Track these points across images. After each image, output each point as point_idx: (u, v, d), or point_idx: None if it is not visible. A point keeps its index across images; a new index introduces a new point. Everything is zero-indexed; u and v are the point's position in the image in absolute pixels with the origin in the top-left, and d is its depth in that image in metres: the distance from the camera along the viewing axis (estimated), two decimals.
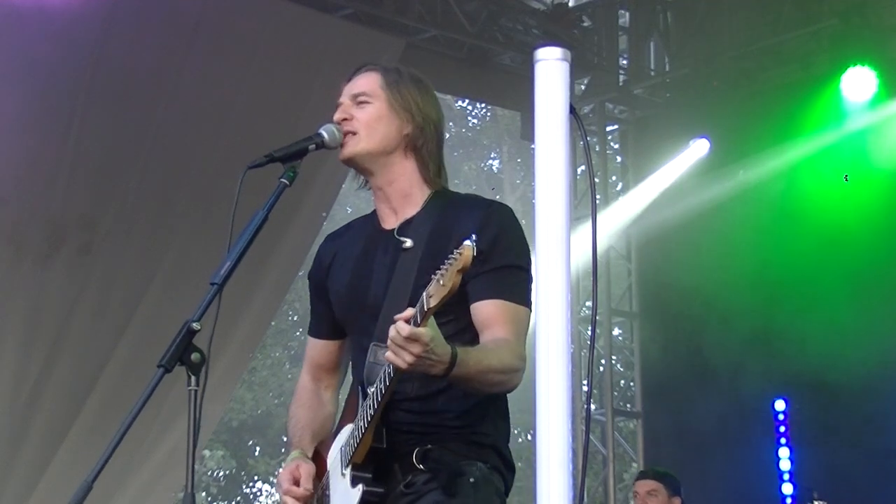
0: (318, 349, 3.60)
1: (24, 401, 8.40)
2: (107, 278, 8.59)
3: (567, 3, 10.69)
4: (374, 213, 3.48)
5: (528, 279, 3.24)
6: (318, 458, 3.46)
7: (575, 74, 9.11)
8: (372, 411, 3.15)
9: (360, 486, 3.22)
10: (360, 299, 3.39)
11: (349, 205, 21.18)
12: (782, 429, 9.47)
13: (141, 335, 8.54)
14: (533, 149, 2.37)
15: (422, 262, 3.27)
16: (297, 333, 22.85)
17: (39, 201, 8.37)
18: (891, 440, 8.92)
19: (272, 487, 22.58)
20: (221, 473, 22.14)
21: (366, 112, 3.38)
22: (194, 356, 2.85)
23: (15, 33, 8.04)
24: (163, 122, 8.62)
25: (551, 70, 2.33)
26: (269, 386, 22.03)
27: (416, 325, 2.91)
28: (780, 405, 9.50)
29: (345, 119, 3.39)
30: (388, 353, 2.97)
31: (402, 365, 2.96)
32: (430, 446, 3.23)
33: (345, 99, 3.43)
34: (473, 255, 2.82)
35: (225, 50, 8.74)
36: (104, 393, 8.56)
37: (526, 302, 3.23)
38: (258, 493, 22.81)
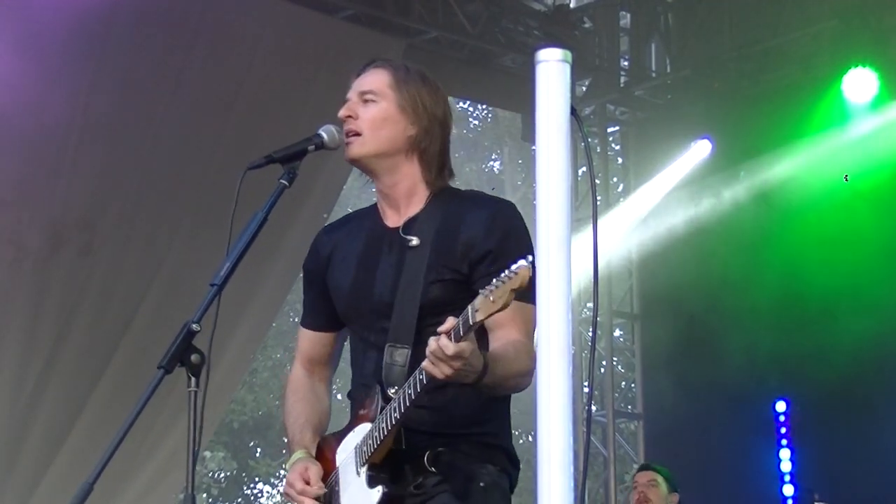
0: (312, 341, 3.58)
1: (24, 402, 8.40)
2: (107, 279, 8.59)
3: (568, 5, 10.69)
4: (375, 207, 3.46)
5: (535, 277, 3.25)
6: (321, 456, 3.43)
7: (576, 76, 9.11)
8: (398, 415, 3.13)
9: (379, 488, 3.21)
10: (365, 297, 3.36)
11: (350, 205, 21.17)
12: (783, 430, 9.47)
13: (141, 336, 8.53)
14: (534, 150, 2.36)
15: (430, 259, 3.27)
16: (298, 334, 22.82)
17: (40, 202, 8.37)
18: (891, 441, 8.92)
19: (273, 489, 22.58)
20: (222, 475, 22.14)
21: (371, 112, 3.36)
22: (194, 357, 2.86)
23: (15, 34, 8.04)
24: (163, 122, 8.63)
25: (552, 71, 2.32)
26: (270, 387, 22.02)
27: (459, 336, 2.90)
28: (780, 406, 9.50)
29: (349, 117, 3.36)
30: (427, 365, 2.96)
31: (441, 377, 2.96)
32: (441, 449, 3.23)
33: (352, 95, 3.40)
34: (531, 276, 2.76)
35: (225, 50, 8.74)
36: (105, 394, 8.56)
37: (534, 300, 3.24)
38: (259, 495, 22.81)
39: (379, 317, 3.32)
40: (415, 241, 3.30)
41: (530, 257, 2.80)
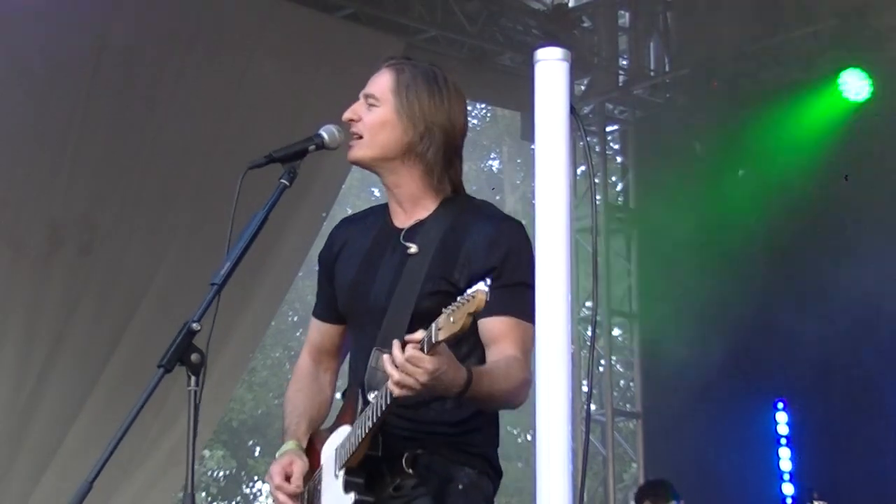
0: (321, 331, 3.59)
1: (24, 401, 8.40)
2: (107, 279, 8.59)
3: (567, 4, 10.70)
4: (388, 205, 3.47)
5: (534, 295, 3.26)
6: (311, 449, 3.45)
7: (575, 75, 9.11)
8: (371, 423, 3.14)
9: (352, 494, 3.22)
10: (362, 298, 3.38)
11: (349, 205, 21.17)
12: (783, 429, 9.47)
13: (141, 335, 8.53)
14: (533, 149, 2.37)
15: (430, 268, 3.27)
16: (297, 334, 22.84)
17: (39, 202, 8.37)
18: (891, 440, 8.92)
19: None
20: (221, 473, 22.15)
21: (371, 116, 3.37)
22: (194, 356, 2.86)
23: (15, 33, 8.05)
24: (163, 121, 8.63)
25: (551, 70, 2.33)
26: (269, 386, 22.04)
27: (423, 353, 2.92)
28: (780, 405, 9.50)
29: (352, 119, 3.39)
30: (390, 384, 2.97)
31: (403, 393, 2.96)
32: (420, 451, 3.23)
33: (360, 96, 3.43)
34: (486, 301, 2.81)
35: (225, 50, 8.74)
36: (104, 393, 8.56)
37: (533, 320, 3.23)
38: (258, 494, 22.81)
39: (372, 319, 3.34)
40: (413, 248, 3.31)
41: (489, 280, 2.85)
